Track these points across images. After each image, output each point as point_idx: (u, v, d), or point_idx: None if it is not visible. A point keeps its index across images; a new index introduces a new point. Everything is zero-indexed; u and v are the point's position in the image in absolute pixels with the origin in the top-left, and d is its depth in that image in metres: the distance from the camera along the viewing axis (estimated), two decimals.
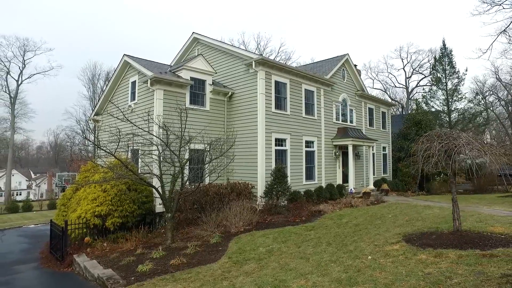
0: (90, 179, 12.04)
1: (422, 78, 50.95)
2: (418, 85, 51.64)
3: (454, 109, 31.75)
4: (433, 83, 34.11)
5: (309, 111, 17.54)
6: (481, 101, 40.83)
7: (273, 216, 12.53)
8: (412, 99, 48.21)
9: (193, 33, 18.53)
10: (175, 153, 10.30)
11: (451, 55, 31.96)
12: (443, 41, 33.05)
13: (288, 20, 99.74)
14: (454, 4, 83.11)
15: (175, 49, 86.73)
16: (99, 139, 15.80)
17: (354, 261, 6.79)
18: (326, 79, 18.40)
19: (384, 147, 24.70)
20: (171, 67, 16.84)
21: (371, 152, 21.62)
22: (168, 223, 10.30)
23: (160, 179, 10.20)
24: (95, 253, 9.93)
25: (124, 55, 15.93)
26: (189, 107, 14.18)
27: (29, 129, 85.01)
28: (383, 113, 25.13)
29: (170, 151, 10.24)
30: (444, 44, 32.21)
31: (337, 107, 19.87)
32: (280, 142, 15.54)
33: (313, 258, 7.45)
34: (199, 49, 18.55)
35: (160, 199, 10.51)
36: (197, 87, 15.02)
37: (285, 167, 15.40)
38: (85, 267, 8.70)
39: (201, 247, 9.31)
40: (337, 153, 19.25)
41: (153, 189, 10.88)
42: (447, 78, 31.53)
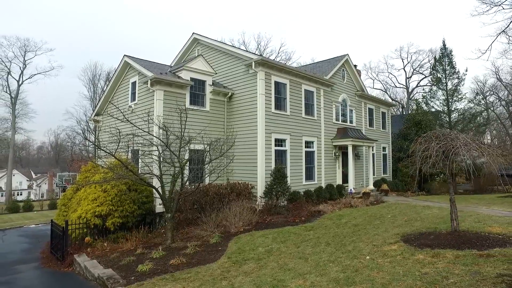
0: (91, 179, 12.10)
1: (423, 78, 51.04)
2: (419, 85, 51.73)
3: (454, 109, 31.70)
4: (433, 83, 34.09)
5: (309, 111, 17.58)
6: (482, 101, 40.82)
7: (272, 216, 12.57)
8: (412, 99, 48.19)
9: (193, 33, 18.58)
10: (175, 153, 10.35)
11: (451, 55, 31.95)
12: (443, 41, 33.01)
13: (288, 20, 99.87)
14: (454, 4, 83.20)
15: (175, 49, 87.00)
16: (99, 140, 15.86)
17: (352, 261, 6.84)
18: (326, 79, 18.44)
19: (384, 147, 24.73)
20: (171, 68, 16.89)
21: (371, 152, 21.66)
22: (168, 223, 10.36)
23: (160, 180, 10.26)
24: (95, 253, 10.00)
25: (124, 55, 16.00)
26: (189, 107, 14.23)
27: (30, 129, 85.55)
28: (383, 113, 25.16)
29: (170, 151, 10.30)
30: (444, 44, 32.21)
31: (337, 107, 19.91)
32: (280, 142, 15.59)
33: (312, 258, 7.50)
34: (199, 49, 18.61)
35: (160, 199, 10.57)
36: (197, 87, 15.07)
37: (285, 167, 15.44)
38: (85, 267, 8.76)
39: (200, 247, 9.36)
40: (337, 154, 19.29)
41: (153, 189, 10.95)
42: (447, 78, 31.51)
